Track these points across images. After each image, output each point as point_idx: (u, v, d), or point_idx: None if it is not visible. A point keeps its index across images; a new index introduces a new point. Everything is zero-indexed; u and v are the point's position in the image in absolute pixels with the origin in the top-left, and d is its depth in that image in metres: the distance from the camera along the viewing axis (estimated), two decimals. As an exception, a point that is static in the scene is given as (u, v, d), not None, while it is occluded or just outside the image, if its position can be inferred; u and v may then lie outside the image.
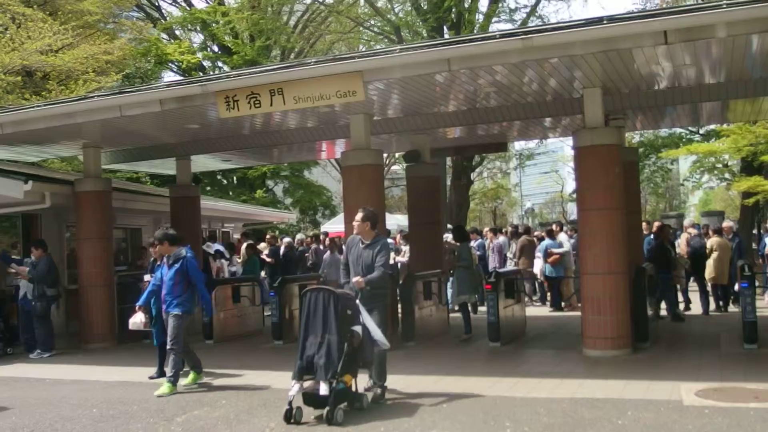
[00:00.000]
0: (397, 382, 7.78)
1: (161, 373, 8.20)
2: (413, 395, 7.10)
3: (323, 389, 5.93)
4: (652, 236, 12.92)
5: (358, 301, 6.43)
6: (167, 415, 6.58)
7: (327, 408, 5.94)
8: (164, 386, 7.58)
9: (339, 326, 6.09)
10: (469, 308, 11.24)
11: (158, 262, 8.38)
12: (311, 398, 6.10)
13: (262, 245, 16.68)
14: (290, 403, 6.06)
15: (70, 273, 12.92)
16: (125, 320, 12.03)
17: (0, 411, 7.02)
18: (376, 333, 6.41)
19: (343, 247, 7.70)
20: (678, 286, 12.88)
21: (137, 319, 8.11)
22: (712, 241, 12.98)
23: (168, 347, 7.77)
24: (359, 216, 7.02)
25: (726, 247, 12.81)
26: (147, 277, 9.05)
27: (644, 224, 15.31)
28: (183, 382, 7.81)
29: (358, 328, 6.24)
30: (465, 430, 5.74)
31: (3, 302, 11.62)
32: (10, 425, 6.46)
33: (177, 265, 7.87)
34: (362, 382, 6.80)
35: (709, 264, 12.76)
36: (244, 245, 15.95)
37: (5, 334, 11.17)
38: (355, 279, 6.73)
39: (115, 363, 9.91)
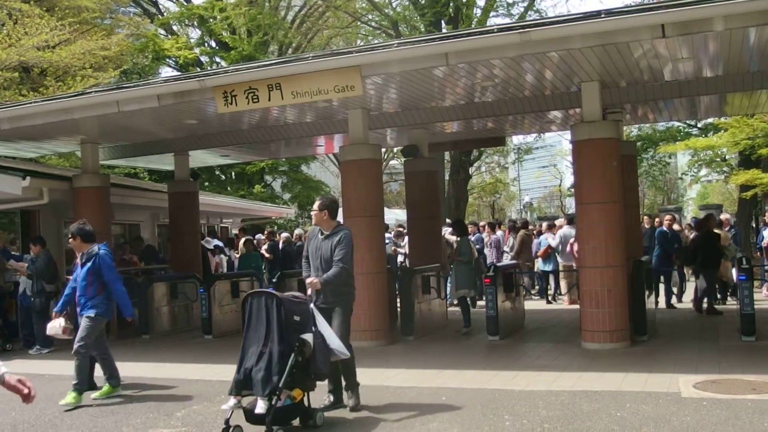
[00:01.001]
0: (396, 376, 7.82)
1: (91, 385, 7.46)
2: (412, 388, 7.12)
3: (259, 407, 5.23)
4: (662, 229, 13.02)
5: (312, 305, 5.76)
6: (167, 410, 6.59)
7: (265, 428, 5.22)
8: (69, 395, 6.96)
9: (282, 334, 5.39)
10: (468, 302, 11.25)
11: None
12: (252, 416, 5.36)
13: (258, 235, 16.70)
14: (227, 422, 5.34)
15: (68, 269, 12.91)
16: (123, 316, 12.11)
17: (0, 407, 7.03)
18: (333, 341, 5.73)
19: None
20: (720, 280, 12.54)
21: (56, 324, 7.43)
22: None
23: (74, 350, 7.07)
24: (316, 205, 6.44)
25: (725, 240, 12.84)
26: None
27: (645, 218, 15.40)
28: (93, 394, 7.27)
29: (309, 336, 5.52)
30: (464, 423, 5.76)
31: (2, 298, 11.63)
32: (11, 421, 6.48)
33: (89, 264, 7.20)
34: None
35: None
36: (242, 240, 15.97)
37: (3, 330, 11.17)
38: (309, 280, 6.11)
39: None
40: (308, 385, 5.61)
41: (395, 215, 24.27)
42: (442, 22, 21.37)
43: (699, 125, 24.69)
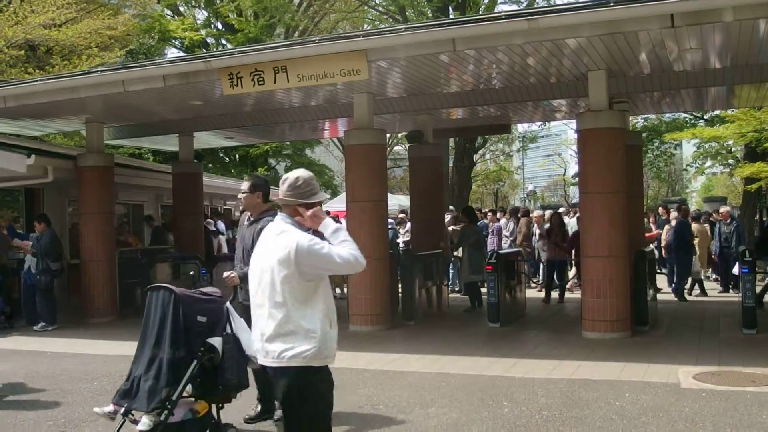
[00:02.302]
0: (396, 360, 7.86)
1: None
2: (412, 373, 7.16)
3: (142, 423, 4.36)
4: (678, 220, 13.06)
5: (229, 304, 4.85)
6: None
7: None
8: None
9: (177, 337, 4.49)
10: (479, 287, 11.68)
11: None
12: None
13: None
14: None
15: (72, 247, 12.97)
16: (126, 295, 12.19)
17: (1, 384, 7.08)
18: (250, 347, 4.50)
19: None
20: None
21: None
22: (695, 228, 13.57)
23: None
24: (246, 185, 5.46)
25: (705, 234, 13.45)
26: None
27: (661, 209, 15.45)
28: None
29: (217, 341, 4.59)
30: (463, 409, 5.79)
31: (5, 275, 11.68)
32: (13, 398, 6.52)
33: None
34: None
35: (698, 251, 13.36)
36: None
37: (6, 307, 11.23)
38: (226, 273, 5.29)
39: (116, 337, 9.96)
40: (217, 397, 4.69)
41: (399, 201, 24.26)
42: (450, 8, 21.24)
43: (705, 117, 24.58)
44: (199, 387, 4.57)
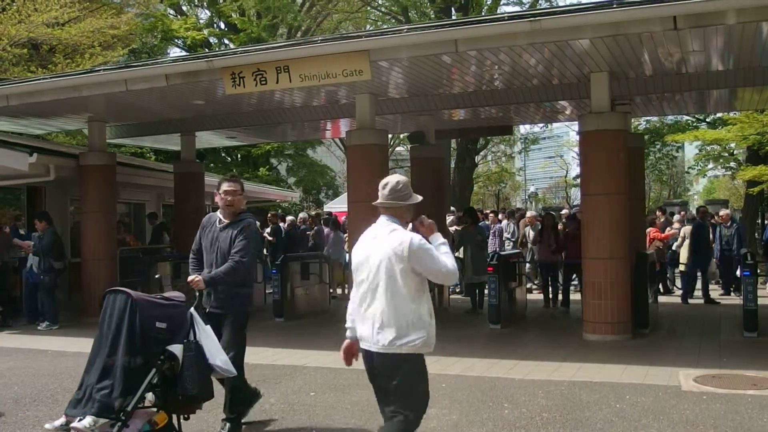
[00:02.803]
0: (396, 361, 7.85)
1: None
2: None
3: (82, 422, 4.15)
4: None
5: (193, 310, 4.62)
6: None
7: None
8: None
9: (133, 344, 4.25)
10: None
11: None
12: None
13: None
14: None
15: (73, 246, 12.98)
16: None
17: (3, 382, 7.09)
18: (216, 355, 4.53)
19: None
20: None
21: None
22: (683, 230, 13.72)
23: None
24: (233, 186, 5.24)
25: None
26: None
27: (658, 212, 15.49)
28: None
29: (177, 348, 4.37)
30: (463, 411, 5.79)
31: (6, 274, 11.70)
32: (13, 395, 6.53)
33: None
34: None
35: (682, 252, 13.50)
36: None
37: (6, 306, 11.25)
38: (191, 277, 5.00)
39: (117, 336, 9.99)
40: (178, 407, 4.46)
41: (400, 202, 24.20)
42: (452, 9, 21.26)
43: (708, 119, 24.56)
44: (160, 397, 4.37)
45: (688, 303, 12.58)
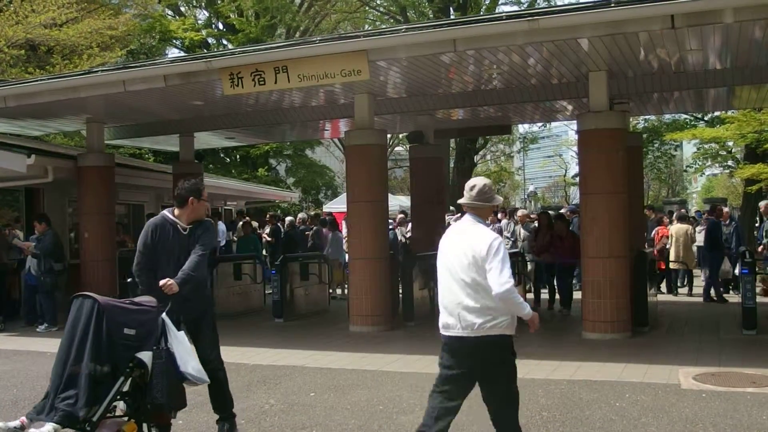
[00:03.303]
0: (396, 361, 7.86)
1: None
2: (412, 374, 7.15)
3: (44, 428, 3.96)
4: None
5: (164, 316, 4.43)
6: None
7: None
8: None
9: (98, 352, 4.07)
10: None
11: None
12: None
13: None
14: None
15: (72, 248, 12.97)
16: (126, 295, 12.17)
17: (1, 384, 7.09)
18: (187, 363, 4.38)
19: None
20: None
21: None
22: (673, 228, 13.87)
23: None
24: (197, 193, 5.03)
25: (685, 234, 13.67)
26: None
27: (647, 210, 15.45)
28: None
29: (146, 356, 4.21)
30: (462, 410, 5.75)
31: (5, 276, 11.69)
32: (11, 397, 6.52)
33: None
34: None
35: (671, 250, 13.61)
36: (240, 223, 16.04)
37: (4, 308, 11.24)
38: (163, 281, 4.71)
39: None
40: (149, 416, 4.31)
41: (399, 202, 24.27)
42: (451, 8, 21.27)
43: (706, 118, 24.59)
44: (131, 406, 4.25)
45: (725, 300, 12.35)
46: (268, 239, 15.77)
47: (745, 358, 7.49)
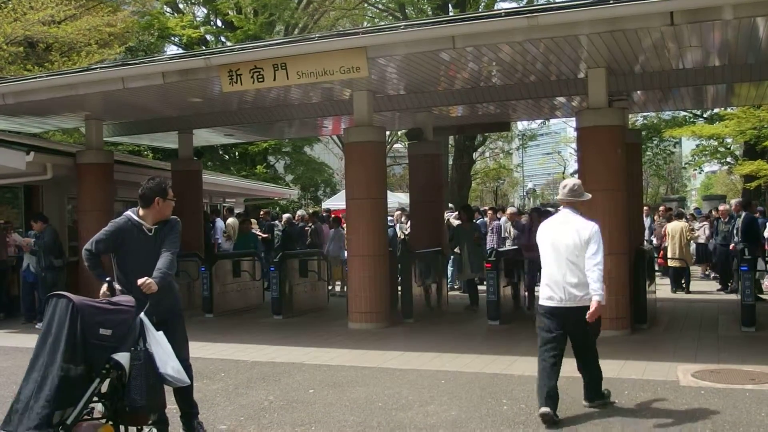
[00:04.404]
0: (395, 358, 7.87)
1: None
2: (411, 371, 7.16)
3: None
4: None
5: (143, 315, 4.30)
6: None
7: None
8: None
9: (73, 353, 3.96)
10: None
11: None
12: None
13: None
14: None
15: (71, 245, 12.96)
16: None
17: (1, 380, 7.09)
18: (167, 363, 4.26)
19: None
20: None
21: None
22: (669, 226, 14.04)
23: None
24: (164, 192, 4.93)
25: (681, 231, 13.75)
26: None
27: (646, 208, 15.42)
28: None
29: (123, 357, 4.11)
30: (462, 406, 5.80)
31: (4, 273, 11.68)
32: (10, 395, 6.51)
33: None
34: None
35: (668, 248, 13.79)
36: (230, 220, 16.09)
37: (3, 305, 11.23)
38: (141, 280, 4.47)
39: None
40: (126, 419, 4.22)
41: (398, 199, 24.28)
42: (449, 5, 21.25)
43: (705, 115, 24.60)
44: (109, 408, 4.16)
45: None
46: (263, 236, 15.78)
47: (744, 355, 7.49)
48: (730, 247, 12.49)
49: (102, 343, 4.08)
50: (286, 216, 17.05)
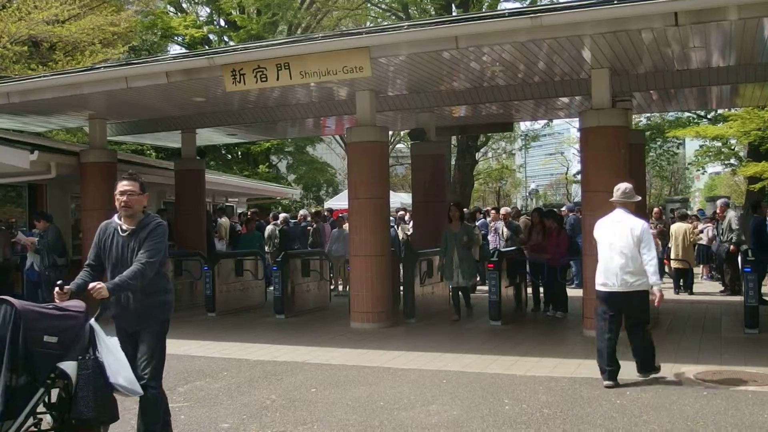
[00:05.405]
0: (397, 357, 7.87)
1: None
2: (413, 370, 7.16)
3: None
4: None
5: (93, 322, 4.11)
6: (169, 385, 6.63)
7: None
8: None
9: (14, 361, 3.75)
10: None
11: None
12: None
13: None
14: None
15: (74, 244, 12.98)
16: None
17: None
18: (118, 372, 4.00)
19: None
20: None
21: None
22: (673, 227, 13.98)
23: None
24: (133, 185, 4.52)
25: (684, 233, 13.68)
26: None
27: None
28: None
29: (70, 366, 3.86)
30: (464, 406, 5.79)
31: (8, 272, 11.70)
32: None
33: None
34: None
35: (671, 250, 13.75)
36: (222, 219, 16.14)
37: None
38: (92, 284, 4.29)
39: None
40: (75, 431, 3.97)
41: (400, 199, 24.28)
42: (453, 5, 21.24)
43: (708, 116, 24.54)
44: (57, 419, 3.91)
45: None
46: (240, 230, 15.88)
47: (747, 357, 7.48)
48: (731, 248, 12.47)
49: (47, 351, 3.83)
50: (282, 216, 17.01)
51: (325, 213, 17.95)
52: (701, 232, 15.36)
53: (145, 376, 4.37)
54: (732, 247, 12.42)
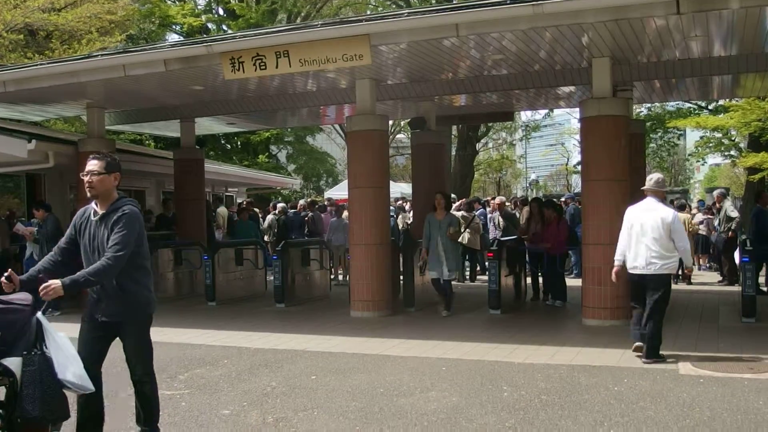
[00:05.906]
0: (397, 346, 7.88)
1: None
2: (413, 358, 7.18)
3: None
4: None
5: (39, 315, 3.83)
6: (170, 372, 6.66)
7: None
8: None
9: None
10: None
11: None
12: None
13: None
14: None
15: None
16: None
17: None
18: (67, 368, 3.77)
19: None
20: None
21: None
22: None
23: None
24: (99, 165, 4.18)
25: (683, 223, 13.22)
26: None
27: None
28: None
29: (14, 362, 3.63)
30: (463, 393, 5.81)
31: (7, 262, 11.70)
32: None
33: None
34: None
35: None
36: (219, 209, 16.15)
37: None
38: (44, 285, 3.94)
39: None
40: (23, 430, 3.74)
41: (401, 189, 24.28)
42: (453, -6, 21.15)
43: (709, 107, 24.51)
44: (4, 418, 3.69)
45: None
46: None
47: (744, 345, 7.50)
48: (729, 234, 12.48)
49: None
50: (280, 205, 17.00)
51: (325, 203, 17.94)
52: (700, 223, 15.40)
53: (138, 372, 4.28)
54: (730, 233, 12.40)
